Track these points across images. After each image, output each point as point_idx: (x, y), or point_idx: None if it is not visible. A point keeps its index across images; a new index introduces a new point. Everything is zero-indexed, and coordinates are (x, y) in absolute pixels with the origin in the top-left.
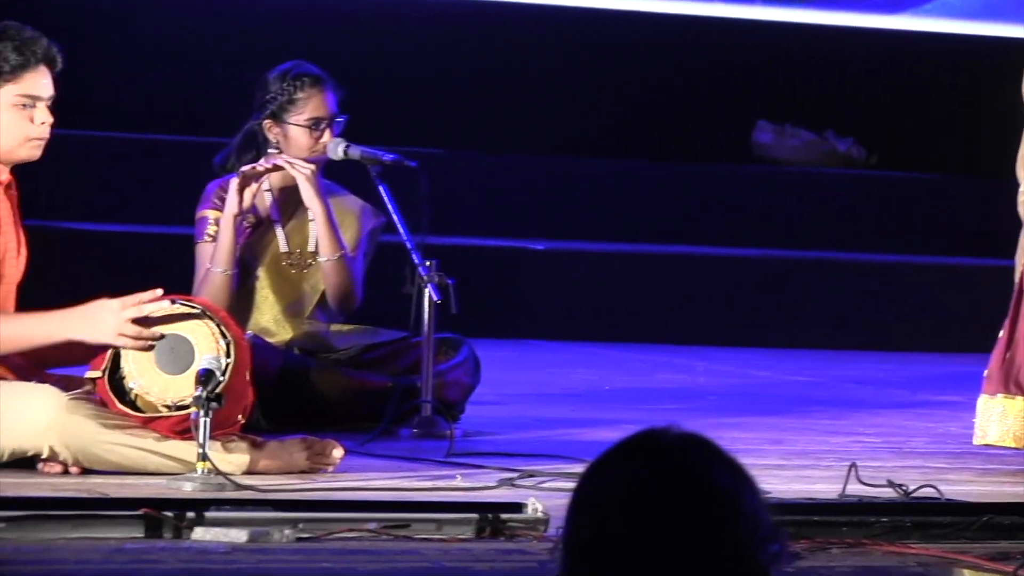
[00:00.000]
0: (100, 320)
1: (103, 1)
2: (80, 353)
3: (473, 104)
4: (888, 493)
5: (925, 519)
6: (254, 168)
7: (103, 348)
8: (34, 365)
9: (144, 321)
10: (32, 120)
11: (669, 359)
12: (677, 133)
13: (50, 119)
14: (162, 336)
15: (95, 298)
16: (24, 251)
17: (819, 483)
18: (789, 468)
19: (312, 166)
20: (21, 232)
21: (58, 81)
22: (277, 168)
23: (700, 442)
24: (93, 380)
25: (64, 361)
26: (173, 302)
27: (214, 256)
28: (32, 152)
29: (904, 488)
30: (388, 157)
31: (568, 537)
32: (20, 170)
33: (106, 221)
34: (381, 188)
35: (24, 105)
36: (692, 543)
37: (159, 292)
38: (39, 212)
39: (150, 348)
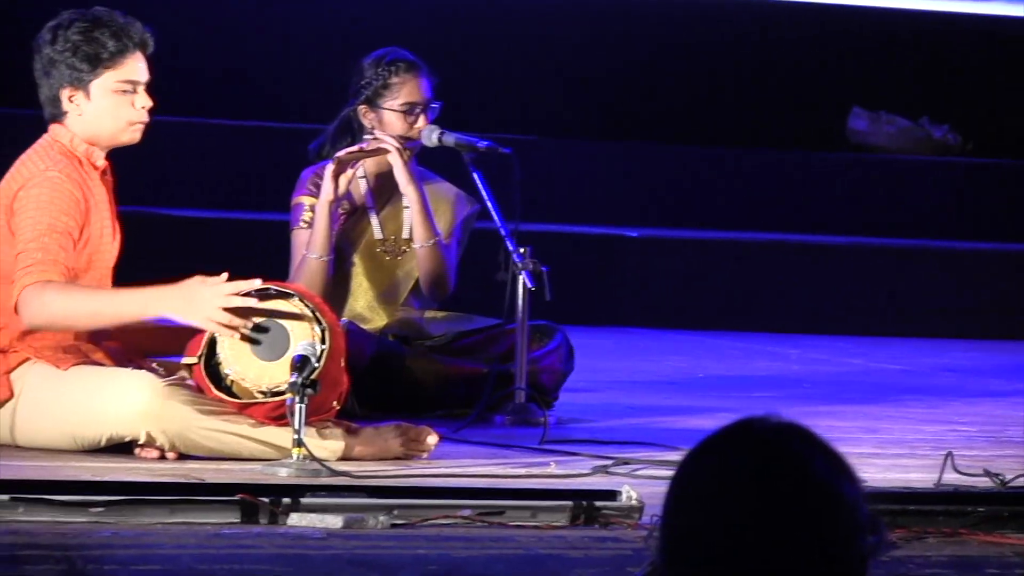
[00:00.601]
0: (195, 301)
1: None
2: (176, 342)
3: (567, 91)
4: (984, 482)
5: (1022, 509)
6: (348, 153)
7: (192, 331)
8: (131, 351)
9: (239, 308)
10: (133, 105)
11: (763, 347)
12: (773, 120)
13: (149, 103)
14: (257, 323)
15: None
16: (119, 236)
17: (914, 472)
18: (884, 457)
19: (408, 151)
20: (116, 218)
21: (151, 65)
22: (371, 153)
23: (799, 431)
24: (189, 366)
25: (161, 348)
26: (268, 289)
27: (309, 242)
28: (133, 136)
29: (1001, 477)
30: (482, 144)
31: (665, 526)
32: (115, 156)
33: (200, 207)
34: (475, 175)
35: (124, 91)
36: (790, 533)
37: (258, 282)
38: (134, 198)
39: (240, 335)
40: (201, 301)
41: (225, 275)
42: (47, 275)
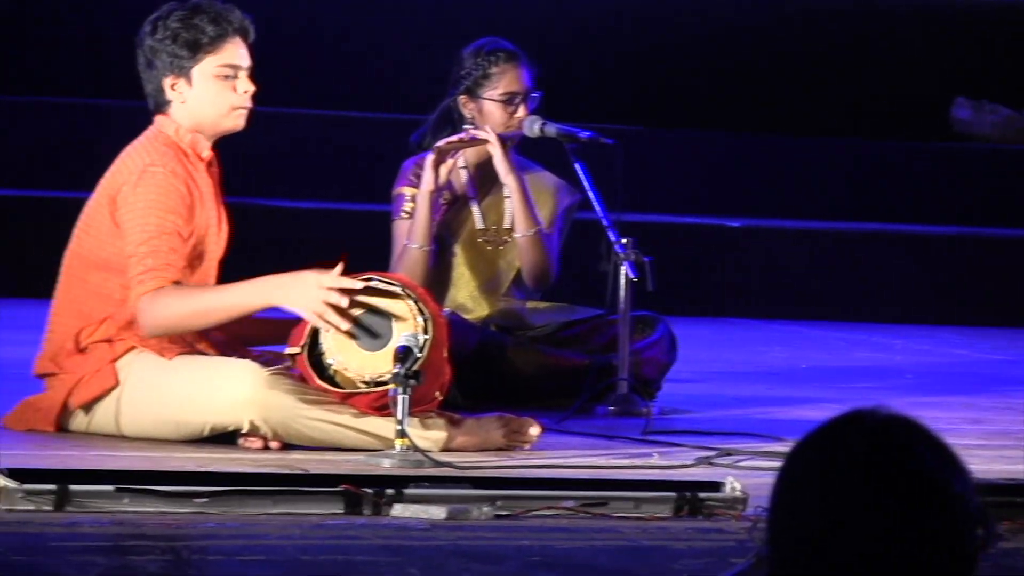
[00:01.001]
0: (300, 291)
1: None
2: (280, 331)
3: (670, 80)
4: None
5: None
6: (448, 143)
7: (296, 320)
8: (235, 341)
9: (342, 303)
10: (235, 90)
11: (866, 337)
12: (876, 110)
13: (252, 88)
14: (360, 313)
15: (303, 269)
16: (225, 228)
17: (1021, 463)
18: (990, 448)
19: (495, 134)
20: (223, 209)
21: (252, 52)
22: (470, 143)
23: (907, 423)
24: (292, 356)
25: (264, 338)
26: (371, 279)
27: (411, 232)
28: (237, 122)
29: None
30: (584, 135)
31: (772, 518)
32: (219, 148)
33: (304, 199)
34: (577, 166)
35: (226, 76)
36: (899, 526)
37: (360, 285)
38: (239, 190)
39: (341, 329)
40: (306, 292)
41: (340, 267)
42: (159, 281)
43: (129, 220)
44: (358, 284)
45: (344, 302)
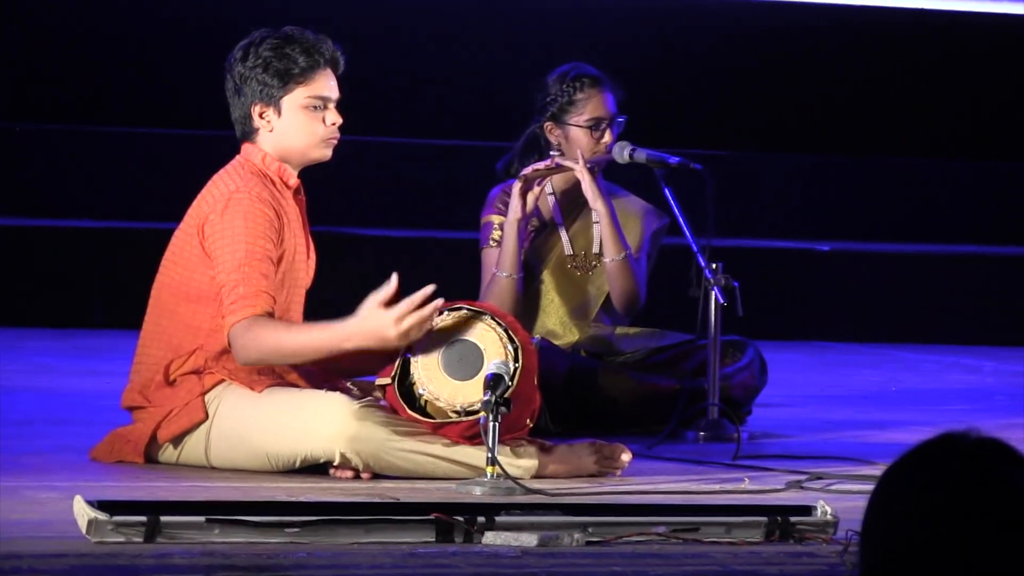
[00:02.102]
0: (377, 331)
1: (386, 9)
2: (371, 362)
3: (757, 104)
4: None
5: None
6: (534, 170)
7: (387, 353)
8: (326, 372)
9: (418, 320)
10: (324, 121)
11: (956, 359)
12: (967, 131)
13: (339, 120)
14: (450, 343)
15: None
16: (313, 256)
17: None
18: None
19: (582, 160)
20: (309, 237)
21: (341, 84)
22: (556, 170)
23: (999, 446)
24: (383, 387)
25: (355, 368)
26: (460, 308)
27: (499, 260)
28: (324, 152)
29: None
30: (673, 160)
31: (864, 541)
32: (304, 176)
33: (391, 227)
34: (666, 191)
35: (315, 107)
36: (993, 550)
37: (430, 289)
38: (326, 218)
39: (436, 344)
40: (383, 331)
41: (394, 282)
42: (252, 310)
43: (219, 248)
44: (447, 313)
45: (417, 318)
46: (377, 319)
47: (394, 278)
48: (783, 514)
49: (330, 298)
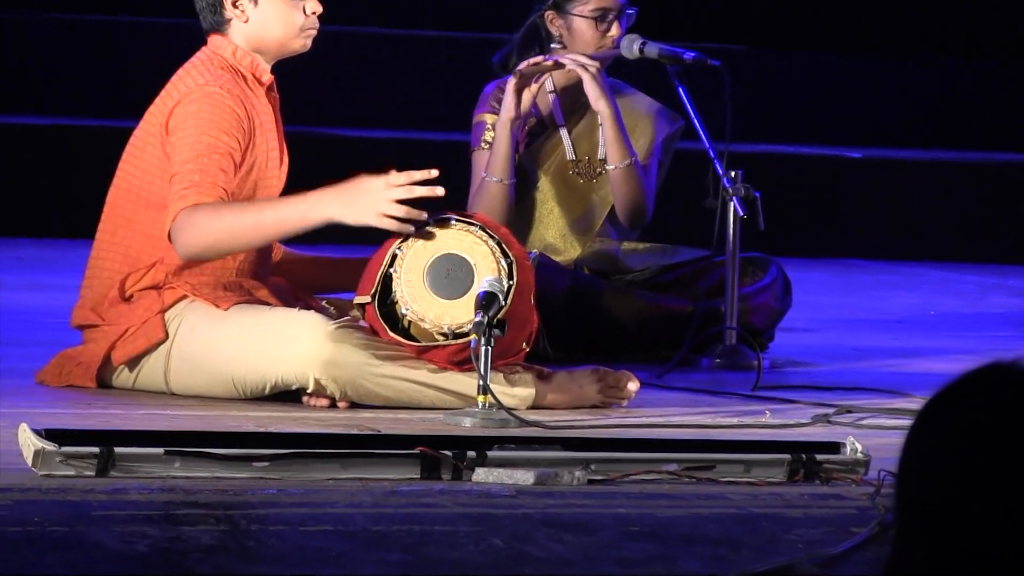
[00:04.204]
0: (361, 199)
1: None
2: (347, 277)
3: None
4: None
5: None
6: (530, 65)
7: (364, 265)
8: (298, 288)
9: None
10: (304, 11)
11: (1000, 280)
12: (1006, 30)
13: (320, 8)
14: (436, 258)
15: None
16: (286, 160)
17: None
18: None
19: (597, 63)
20: (283, 141)
21: None
22: (557, 66)
23: None
24: (361, 306)
25: (330, 285)
26: (449, 217)
27: (488, 164)
28: (303, 44)
29: None
30: (689, 56)
31: (900, 483)
32: (277, 70)
33: (374, 127)
34: (680, 90)
35: None
36: None
37: (435, 172)
38: (298, 117)
39: (420, 231)
40: (368, 198)
41: (393, 173)
42: (202, 197)
43: (178, 140)
44: (433, 222)
45: (408, 193)
46: (362, 183)
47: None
48: (808, 451)
49: None
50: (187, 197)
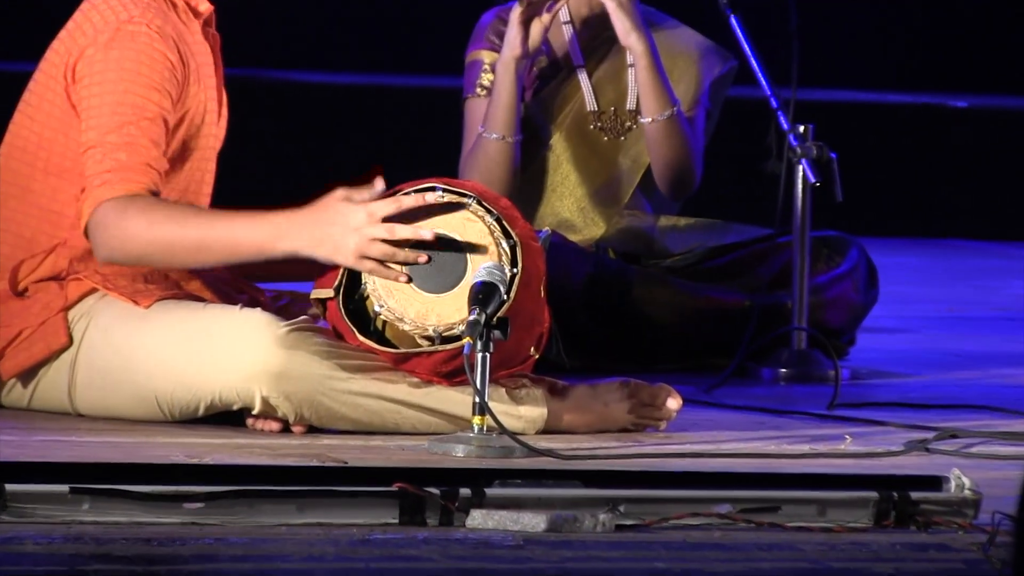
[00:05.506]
0: (335, 233)
1: None
2: (304, 265)
3: None
4: None
5: None
6: None
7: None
8: (239, 278)
9: (403, 238)
10: None
11: None
12: None
13: None
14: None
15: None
16: (224, 114)
17: None
18: None
19: None
20: (223, 88)
21: None
22: None
23: None
24: (322, 301)
25: (282, 274)
26: (434, 188)
27: (487, 115)
28: None
29: None
30: None
31: (1021, 529)
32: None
33: (336, 69)
34: (732, 20)
35: None
36: None
37: (435, 196)
38: (244, 59)
39: (402, 281)
40: (347, 230)
41: (379, 185)
42: (132, 185)
43: (95, 96)
44: (411, 202)
45: (404, 232)
46: (338, 208)
47: (378, 183)
48: (901, 488)
49: (247, 167)
50: (112, 185)
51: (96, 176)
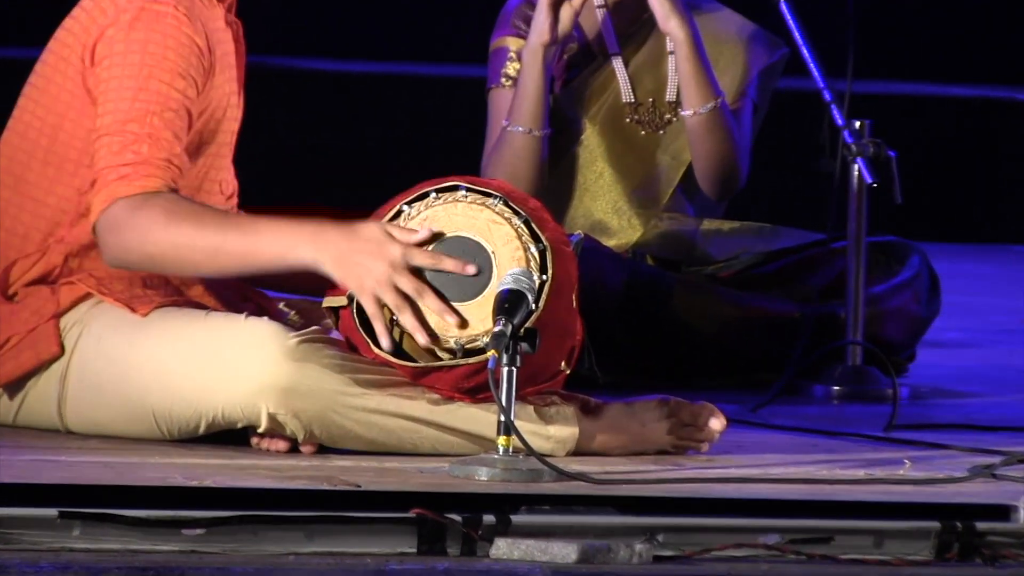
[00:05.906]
0: (362, 262)
1: None
2: (315, 279)
3: None
4: None
5: None
6: None
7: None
8: (244, 285)
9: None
10: None
11: None
12: None
13: None
14: (441, 243)
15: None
16: (241, 105)
17: None
18: None
19: None
20: (243, 79)
21: None
22: None
23: None
24: (335, 310)
25: (292, 280)
26: (457, 187)
27: (513, 107)
28: None
29: None
30: None
31: None
32: None
33: (352, 57)
34: (782, 6)
35: None
36: None
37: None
38: (263, 46)
39: (407, 327)
40: (375, 263)
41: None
42: (153, 182)
43: (115, 79)
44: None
45: (424, 261)
46: (374, 235)
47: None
48: (965, 518)
49: (263, 158)
50: (130, 180)
51: (112, 169)
